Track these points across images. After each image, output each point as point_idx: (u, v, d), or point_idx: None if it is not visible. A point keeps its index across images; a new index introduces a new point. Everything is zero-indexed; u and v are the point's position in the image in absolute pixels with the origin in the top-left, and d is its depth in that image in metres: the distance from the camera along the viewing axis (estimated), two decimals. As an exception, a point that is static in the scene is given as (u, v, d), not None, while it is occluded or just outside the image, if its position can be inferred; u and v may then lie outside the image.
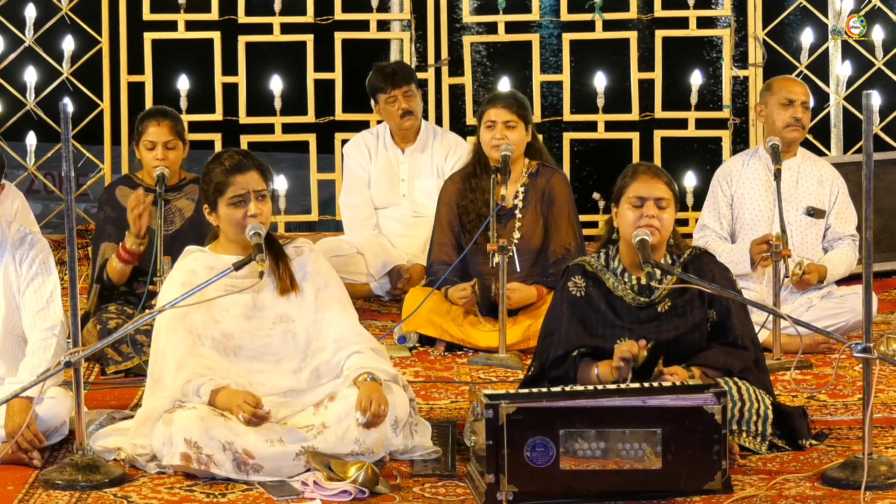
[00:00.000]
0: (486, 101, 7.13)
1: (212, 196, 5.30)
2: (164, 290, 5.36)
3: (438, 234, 7.15)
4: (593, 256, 5.60)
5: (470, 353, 6.86)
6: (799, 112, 6.97)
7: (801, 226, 7.00)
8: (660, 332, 5.44)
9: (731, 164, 7.18)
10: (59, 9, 8.71)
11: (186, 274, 5.32)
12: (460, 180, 7.14)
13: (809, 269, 6.85)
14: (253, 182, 5.28)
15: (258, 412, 5.05)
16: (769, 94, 7.04)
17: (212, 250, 5.40)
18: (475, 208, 7.01)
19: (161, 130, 6.77)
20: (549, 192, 7.03)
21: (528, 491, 4.81)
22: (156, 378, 5.28)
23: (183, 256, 5.42)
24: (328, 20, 8.88)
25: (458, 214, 7.09)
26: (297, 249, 5.43)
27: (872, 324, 5.04)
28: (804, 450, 5.37)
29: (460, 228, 7.09)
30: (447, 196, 7.16)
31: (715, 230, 7.06)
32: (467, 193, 7.07)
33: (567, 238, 7.00)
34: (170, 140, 6.77)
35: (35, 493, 5.01)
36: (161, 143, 6.76)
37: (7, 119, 8.81)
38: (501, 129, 6.93)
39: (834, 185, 7.09)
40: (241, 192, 5.26)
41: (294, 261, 5.39)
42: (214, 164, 5.35)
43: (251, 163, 5.32)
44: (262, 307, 5.33)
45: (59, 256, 7.08)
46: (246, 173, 5.28)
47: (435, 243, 7.15)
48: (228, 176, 5.27)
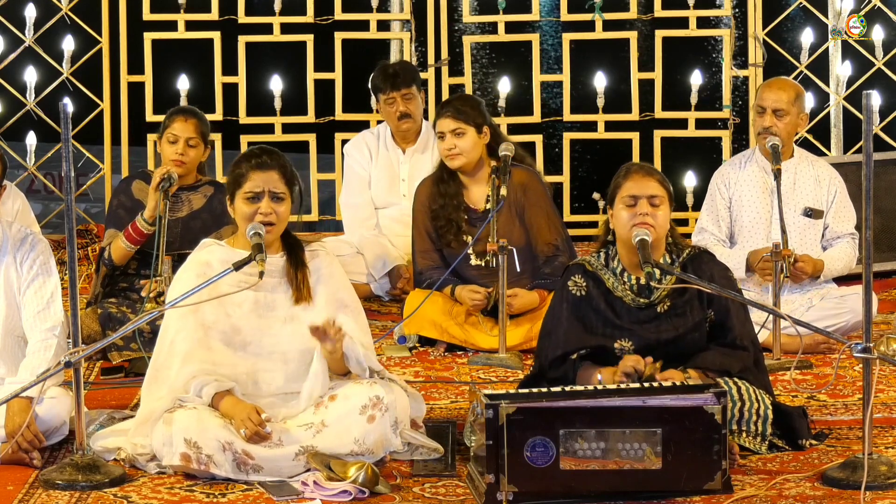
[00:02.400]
0: (437, 110, 7.16)
1: (231, 187, 5.35)
2: (178, 279, 5.37)
3: (419, 241, 7.13)
4: (593, 256, 5.60)
5: (470, 353, 6.85)
6: (767, 121, 6.87)
7: (800, 227, 6.99)
8: (659, 332, 5.44)
9: (727, 167, 7.17)
10: (59, 9, 8.71)
11: (201, 266, 5.34)
12: (431, 184, 7.14)
13: (803, 259, 6.83)
14: (272, 182, 5.30)
15: (261, 431, 5.06)
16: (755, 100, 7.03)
17: (229, 244, 5.42)
18: (445, 213, 7.02)
19: (187, 126, 6.82)
20: (521, 191, 6.99)
21: (528, 491, 4.81)
22: (158, 367, 5.28)
23: (199, 248, 5.44)
24: (328, 20, 8.88)
25: (431, 221, 7.09)
26: (313, 253, 5.45)
27: (872, 324, 5.04)
28: (804, 450, 5.37)
29: (436, 235, 7.08)
30: (420, 202, 7.14)
31: (713, 233, 7.05)
32: (437, 198, 7.07)
33: (550, 235, 6.98)
34: (193, 138, 6.82)
35: (35, 493, 5.01)
36: (184, 138, 6.80)
37: (7, 119, 8.82)
38: (451, 138, 6.95)
39: (832, 185, 7.07)
40: (256, 189, 5.28)
41: (309, 264, 5.40)
42: (242, 158, 5.40)
43: (275, 163, 5.34)
44: (273, 307, 5.34)
45: (60, 256, 7.08)
46: (266, 172, 5.31)
47: (417, 252, 7.14)
48: (249, 171, 5.31)
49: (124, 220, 6.79)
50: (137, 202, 6.83)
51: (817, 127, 8.78)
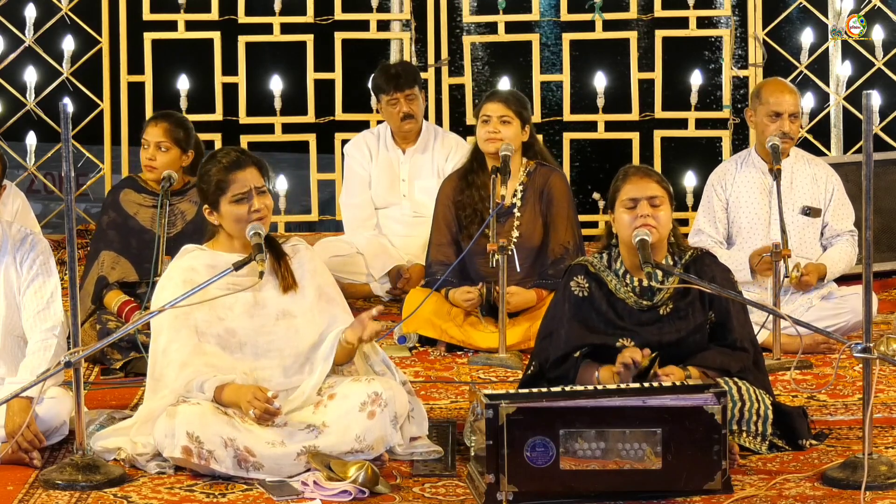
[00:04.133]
0: (484, 97, 7.19)
1: (213, 195, 5.30)
2: (161, 288, 5.35)
3: (436, 234, 7.16)
4: (596, 257, 5.60)
5: (470, 353, 6.86)
6: (786, 125, 6.90)
7: (799, 226, 6.99)
8: (661, 334, 5.44)
9: (724, 168, 7.17)
10: (59, 9, 8.71)
11: (186, 272, 5.32)
12: (457, 178, 7.17)
13: (808, 271, 6.85)
14: (253, 178, 5.30)
15: (269, 408, 5.06)
16: (758, 102, 6.98)
17: (210, 248, 5.40)
18: (472, 204, 7.02)
19: (156, 131, 6.76)
20: (547, 191, 7.04)
21: (528, 491, 4.81)
22: (156, 378, 5.28)
23: (180, 255, 5.41)
24: (328, 20, 8.88)
25: (455, 212, 7.11)
26: (294, 248, 5.45)
27: (872, 324, 5.04)
28: (804, 450, 5.37)
29: (458, 226, 7.10)
30: (444, 195, 7.17)
31: (710, 235, 7.05)
32: (464, 190, 7.09)
33: (566, 237, 7.01)
34: (162, 142, 6.75)
35: (35, 493, 5.01)
36: (153, 143, 6.75)
37: (7, 119, 8.81)
38: (496, 123, 6.96)
39: (829, 183, 7.08)
40: (243, 189, 5.27)
41: (292, 259, 5.41)
42: (211, 163, 5.35)
43: (249, 159, 5.34)
44: (264, 304, 5.34)
45: (59, 256, 7.08)
46: (245, 169, 5.30)
47: (433, 244, 7.16)
48: (228, 174, 5.28)
49: (114, 242, 6.75)
50: (127, 215, 6.79)
51: (817, 127, 8.78)
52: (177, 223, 6.77)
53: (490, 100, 7.07)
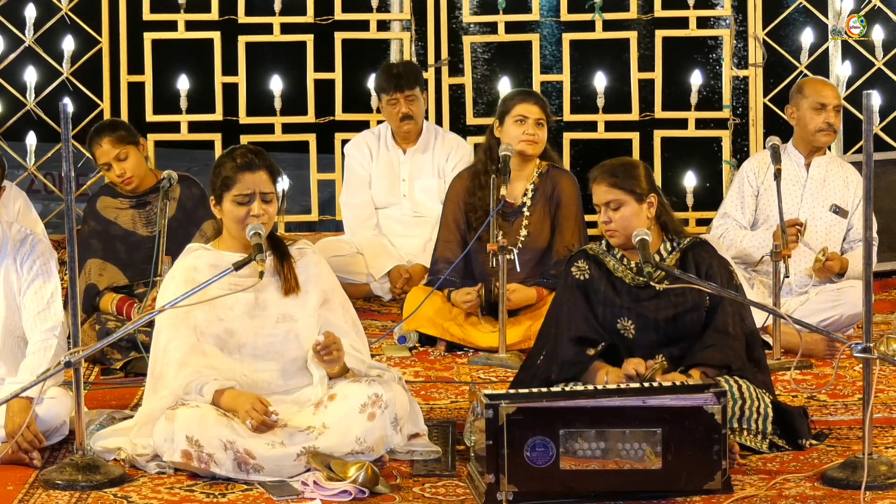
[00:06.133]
0: (512, 96, 7.13)
1: (219, 189, 5.31)
2: (165, 287, 5.35)
3: (444, 231, 7.16)
4: (595, 243, 5.73)
5: (470, 353, 6.86)
6: (831, 117, 7.12)
7: (826, 222, 7.13)
8: (658, 310, 5.52)
9: (760, 157, 7.28)
10: (59, 9, 8.71)
11: (189, 271, 5.32)
12: (468, 177, 7.16)
13: (832, 257, 6.98)
14: (261, 183, 5.28)
15: (267, 420, 5.06)
16: (801, 97, 7.16)
17: (214, 247, 5.40)
18: (483, 205, 7.00)
19: (105, 149, 6.77)
20: (557, 192, 7.05)
21: (528, 491, 4.81)
22: (156, 376, 5.28)
23: (184, 254, 5.42)
24: (328, 20, 8.88)
25: (465, 212, 7.10)
26: (301, 251, 5.44)
27: (872, 324, 5.04)
28: (804, 449, 5.37)
29: (466, 226, 7.09)
30: (454, 193, 7.16)
31: (736, 219, 7.20)
32: (475, 191, 7.08)
33: (571, 239, 7.01)
34: (119, 152, 6.75)
35: (35, 493, 5.01)
36: (111, 159, 6.76)
37: (7, 119, 8.81)
38: (533, 125, 6.96)
39: (858, 188, 7.22)
40: (247, 191, 5.26)
41: (297, 262, 5.39)
42: (227, 157, 5.35)
43: (262, 163, 5.31)
44: (265, 306, 5.33)
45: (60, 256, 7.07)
46: (255, 172, 5.29)
47: (440, 240, 7.16)
48: (238, 172, 5.28)
49: (98, 251, 6.75)
50: (108, 222, 6.78)
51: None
52: (157, 221, 6.77)
53: (525, 100, 7.02)
